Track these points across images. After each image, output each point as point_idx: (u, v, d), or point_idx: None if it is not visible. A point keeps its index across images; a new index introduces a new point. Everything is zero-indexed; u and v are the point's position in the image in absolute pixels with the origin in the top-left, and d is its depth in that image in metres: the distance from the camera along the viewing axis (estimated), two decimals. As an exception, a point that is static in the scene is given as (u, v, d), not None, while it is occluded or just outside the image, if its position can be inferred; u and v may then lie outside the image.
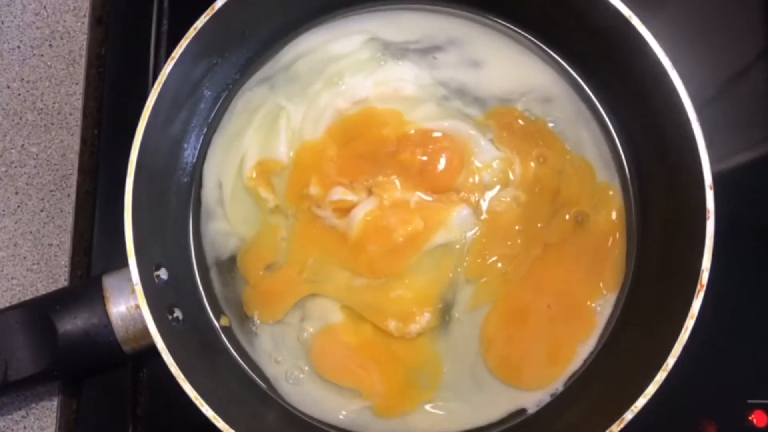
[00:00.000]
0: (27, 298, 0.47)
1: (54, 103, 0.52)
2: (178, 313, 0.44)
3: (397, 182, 0.47)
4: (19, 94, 0.52)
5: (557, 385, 0.46)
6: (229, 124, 0.49)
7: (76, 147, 0.52)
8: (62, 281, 0.49)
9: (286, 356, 0.46)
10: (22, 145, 0.52)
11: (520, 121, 0.49)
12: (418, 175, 0.47)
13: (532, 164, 0.48)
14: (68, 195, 0.51)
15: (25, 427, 0.47)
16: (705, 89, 0.53)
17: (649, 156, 0.47)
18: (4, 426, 0.47)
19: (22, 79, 0.53)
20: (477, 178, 0.47)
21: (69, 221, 0.50)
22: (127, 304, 0.42)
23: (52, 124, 0.52)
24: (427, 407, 0.46)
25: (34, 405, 0.47)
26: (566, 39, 0.49)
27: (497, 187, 0.48)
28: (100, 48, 0.54)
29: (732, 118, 0.53)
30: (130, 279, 0.40)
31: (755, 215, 0.51)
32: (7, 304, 0.47)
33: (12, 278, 0.50)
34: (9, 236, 0.50)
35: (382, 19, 0.50)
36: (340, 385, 0.46)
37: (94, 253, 0.49)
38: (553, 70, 0.50)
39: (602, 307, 0.47)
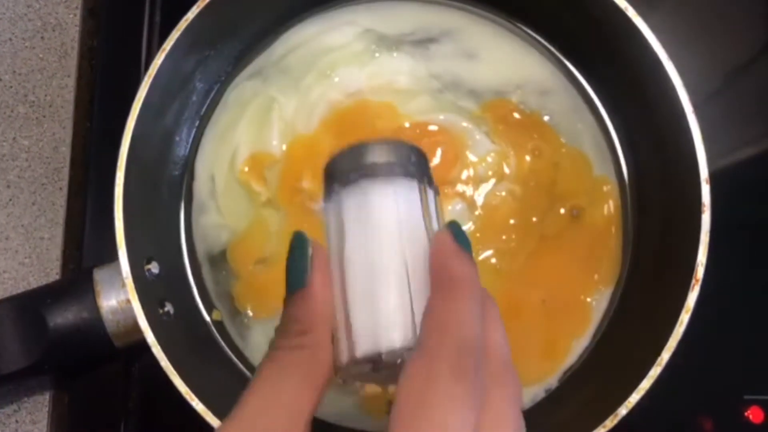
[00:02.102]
0: (19, 291, 0.47)
1: (46, 95, 0.52)
2: (169, 308, 0.43)
3: (391, 175, 0.47)
4: (11, 87, 0.52)
5: (552, 380, 0.46)
6: (221, 117, 0.49)
7: (68, 140, 0.51)
8: (54, 275, 0.49)
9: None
10: (14, 138, 0.51)
11: (516, 114, 0.48)
12: (412, 168, 0.47)
13: (528, 157, 0.48)
14: (60, 188, 0.50)
15: (17, 421, 0.47)
16: (705, 84, 0.52)
17: (646, 149, 0.47)
18: (-5, 420, 0.47)
19: (14, 72, 0.52)
20: (472, 172, 0.47)
21: (61, 214, 0.50)
22: (118, 298, 0.42)
23: (44, 116, 0.52)
24: (422, 402, 0.45)
25: (25, 399, 0.47)
26: (562, 31, 0.48)
27: (492, 181, 0.47)
28: (92, 40, 0.53)
29: (733, 113, 0.53)
30: (120, 273, 0.40)
31: (753, 210, 0.51)
32: (-2, 298, 0.47)
33: (3, 272, 0.49)
34: (0, 230, 0.50)
35: (376, 10, 0.50)
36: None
37: (85, 247, 0.49)
38: (550, 62, 0.49)
39: (597, 301, 0.47)
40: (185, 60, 0.45)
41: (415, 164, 0.29)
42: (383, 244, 0.27)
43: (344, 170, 0.29)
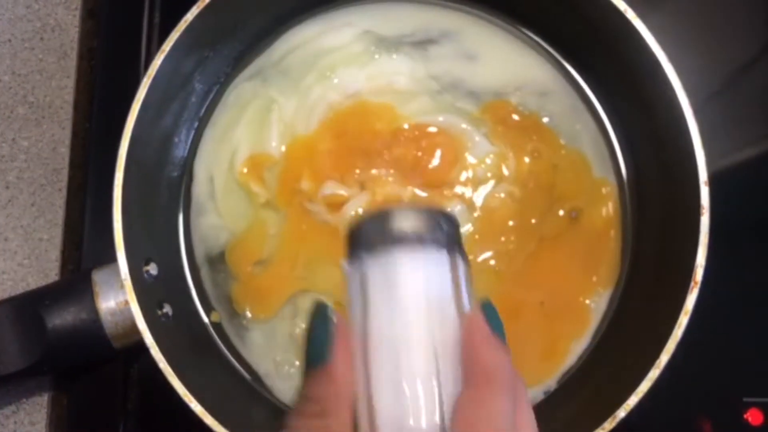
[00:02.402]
0: (18, 292, 0.47)
1: (45, 96, 0.52)
2: (167, 309, 0.43)
3: (390, 177, 0.47)
4: (10, 88, 0.52)
5: (551, 382, 0.46)
6: (220, 118, 0.49)
7: (67, 141, 0.51)
8: (53, 276, 0.49)
9: (277, 352, 0.46)
10: (13, 139, 0.51)
11: (515, 116, 0.48)
12: (411, 170, 0.47)
13: (527, 159, 0.48)
14: (59, 189, 0.50)
15: (15, 422, 0.47)
16: (705, 84, 0.52)
17: (645, 151, 0.47)
18: (-6, 421, 0.47)
19: (14, 73, 0.52)
20: (471, 174, 0.47)
21: (60, 216, 0.50)
22: (116, 299, 0.42)
23: (43, 117, 0.52)
24: (421, 404, 0.45)
25: (24, 400, 0.47)
26: (561, 32, 0.48)
27: (491, 183, 0.47)
28: (91, 41, 0.53)
29: (733, 114, 0.52)
30: (119, 274, 0.40)
31: (753, 211, 0.51)
32: (-3, 299, 0.47)
33: (2, 273, 0.49)
34: None
35: (376, 11, 0.50)
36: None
37: (84, 248, 0.49)
38: (549, 64, 0.49)
39: (596, 303, 0.46)
40: (184, 61, 0.45)
41: (445, 232, 0.28)
42: (410, 325, 0.26)
43: (371, 237, 0.27)
